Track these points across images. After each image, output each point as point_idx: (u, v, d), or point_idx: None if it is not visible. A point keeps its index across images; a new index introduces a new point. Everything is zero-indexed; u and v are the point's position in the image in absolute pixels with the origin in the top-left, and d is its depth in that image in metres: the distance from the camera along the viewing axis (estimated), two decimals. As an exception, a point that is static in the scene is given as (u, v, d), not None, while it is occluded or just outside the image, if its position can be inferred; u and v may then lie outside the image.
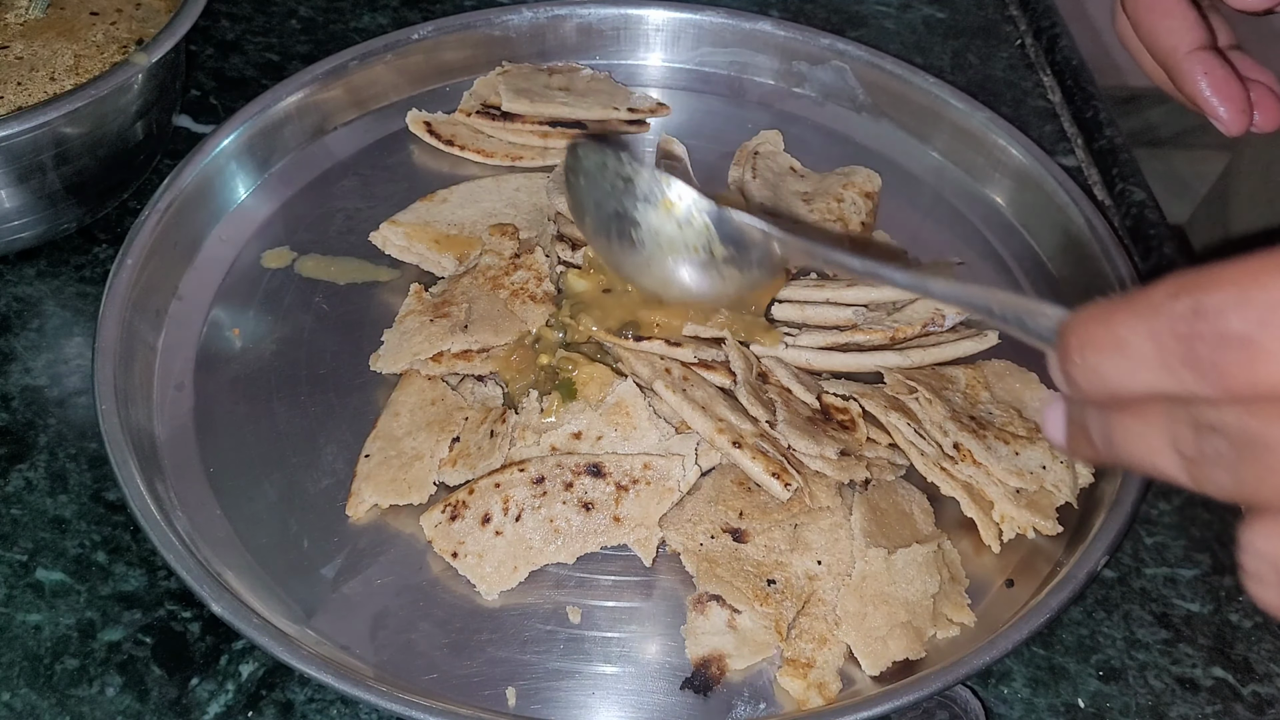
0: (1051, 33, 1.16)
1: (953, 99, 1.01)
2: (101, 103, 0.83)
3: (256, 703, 0.69)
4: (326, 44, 1.10)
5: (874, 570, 0.72)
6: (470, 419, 0.80)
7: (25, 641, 0.71)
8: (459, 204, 0.93)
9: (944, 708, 0.69)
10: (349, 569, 0.74)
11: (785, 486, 0.74)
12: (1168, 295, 0.35)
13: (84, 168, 0.87)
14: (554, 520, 0.74)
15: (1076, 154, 1.06)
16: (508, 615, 0.73)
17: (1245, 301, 0.33)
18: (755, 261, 0.66)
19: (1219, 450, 0.35)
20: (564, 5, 1.05)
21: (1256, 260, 0.33)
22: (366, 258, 0.91)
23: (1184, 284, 0.35)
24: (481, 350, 0.82)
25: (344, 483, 0.78)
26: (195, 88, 1.06)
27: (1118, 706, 0.72)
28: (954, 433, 0.78)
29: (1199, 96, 0.71)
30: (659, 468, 0.75)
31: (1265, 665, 0.74)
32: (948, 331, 0.87)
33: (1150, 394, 0.37)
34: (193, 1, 0.88)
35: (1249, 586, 0.37)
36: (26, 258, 0.91)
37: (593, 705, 0.70)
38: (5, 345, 0.85)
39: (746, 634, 0.71)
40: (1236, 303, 0.33)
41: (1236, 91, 0.70)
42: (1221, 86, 0.70)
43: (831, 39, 1.05)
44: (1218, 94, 0.70)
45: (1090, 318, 0.38)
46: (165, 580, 0.74)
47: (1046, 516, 0.76)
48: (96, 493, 0.78)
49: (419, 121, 1.01)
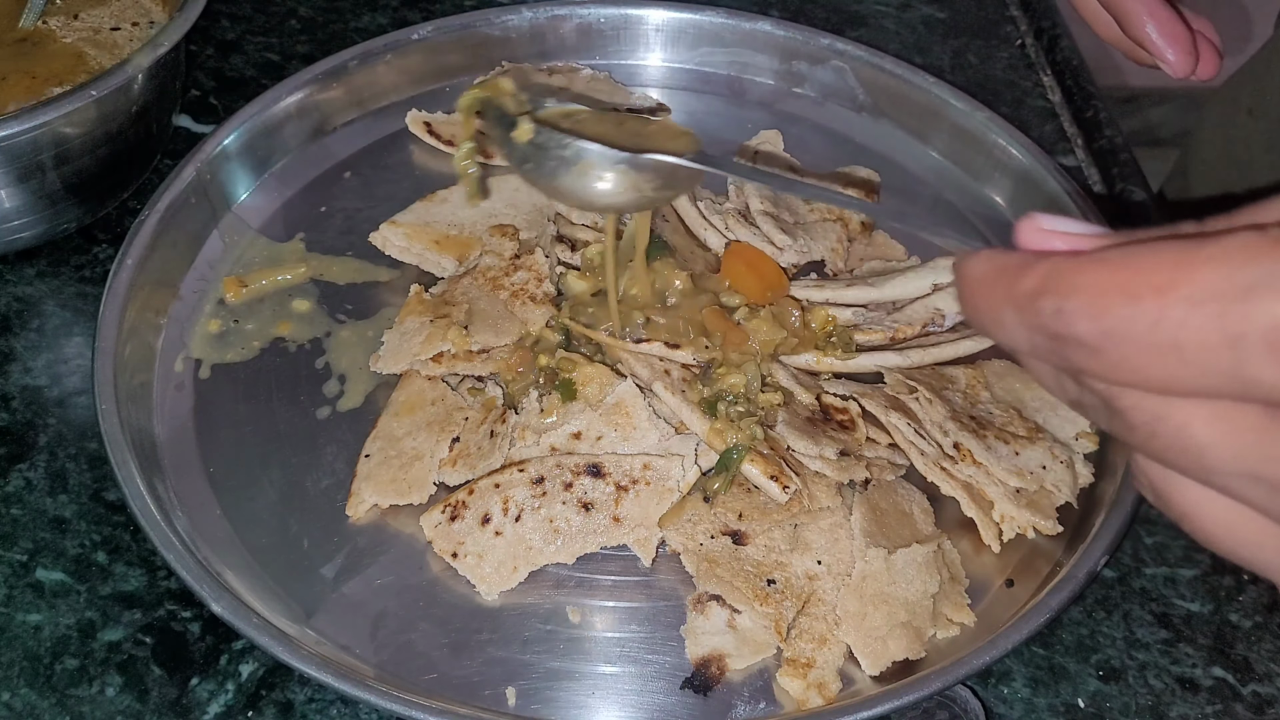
0: (1052, 33, 1.16)
1: (953, 99, 1.01)
2: (101, 103, 0.83)
3: (256, 703, 0.69)
4: (326, 44, 1.10)
5: (874, 570, 0.72)
6: (470, 419, 0.80)
7: (25, 641, 0.71)
8: (459, 204, 0.93)
9: (944, 708, 0.69)
10: (349, 569, 0.74)
11: (784, 489, 0.74)
12: (1035, 289, 0.38)
13: (84, 168, 0.87)
14: (554, 520, 0.74)
15: (1076, 154, 1.06)
16: (508, 615, 0.73)
17: (1095, 319, 0.36)
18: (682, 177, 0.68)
19: (1095, 405, 0.40)
20: (564, 5, 1.05)
21: (1110, 272, 0.36)
22: (366, 258, 0.92)
23: (1049, 279, 0.38)
24: (481, 351, 0.81)
25: (344, 483, 0.78)
26: (195, 88, 1.06)
27: (1118, 706, 0.72)
28: (954, 432, 0.78)
29: (1147, 40, 0.74)
30: (659, 468, 0.75)
31: (1265, 665, 0.74)
32: (948, 331, 0.87)
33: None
34: (193, 1, 0.88)
35: (1135, 484, 0.43)
36: (26, 258, 0.91)
37: (593, 705, 0.70)
38: (5, 345, 0.85)
39: (746, 634, 0.71)
40: (1088, 317, 0.36)
41: (1182, 34, 0.73)
42: (1168, 28, 0.73)
43: (831, 39, 1.05)
44: (1164, 37, 0.73)
45: (974, 282, 0.41)
46: (165, 580, 0.74)
47: (1046, 516, 0.76)
48: (96, 493, 0.78)
49: (419, 121, 1.01)
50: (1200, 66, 0.74)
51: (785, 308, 0.84)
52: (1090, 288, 0.36)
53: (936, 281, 0.87)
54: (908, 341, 0.85)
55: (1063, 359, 0.38)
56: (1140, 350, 0.35)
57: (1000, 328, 0.40)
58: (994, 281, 0.40)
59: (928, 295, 0.87)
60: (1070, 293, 0.37)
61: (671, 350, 0.80)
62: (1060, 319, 0.37)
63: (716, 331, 0.81)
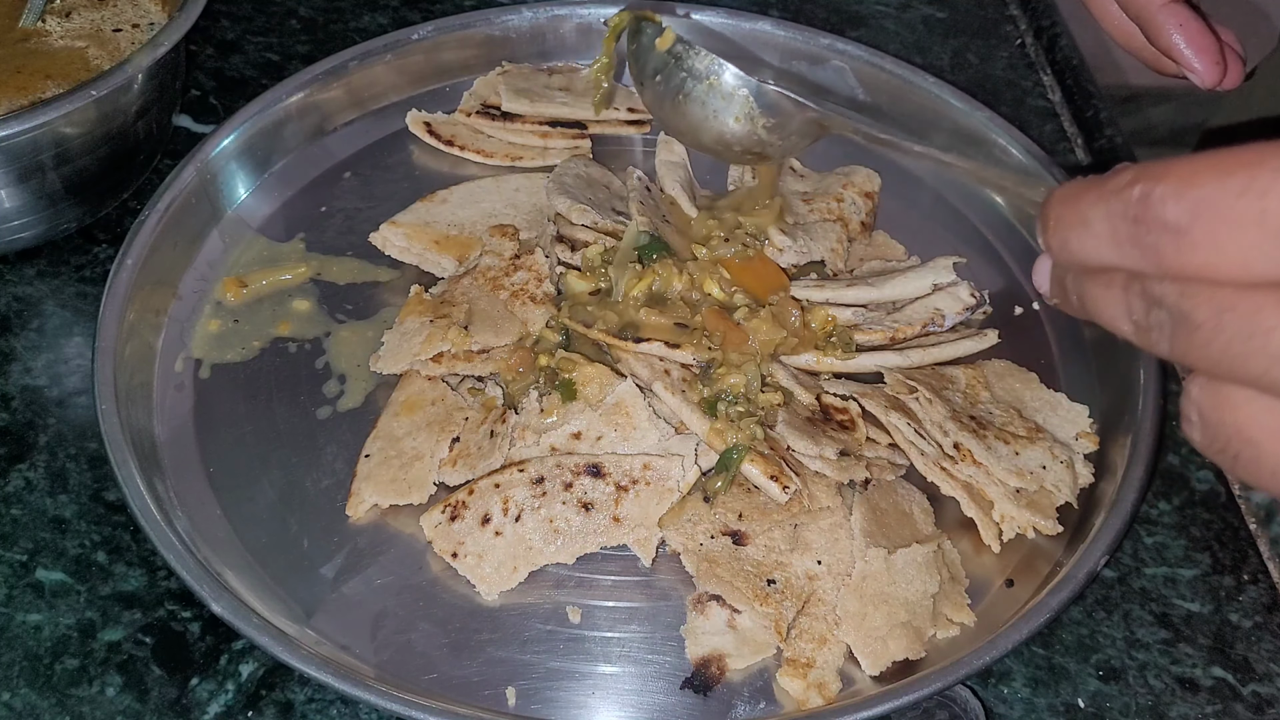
0: (1052, 32, 1.16)
1: (953, 99, 1.01)
2: (101, 103, 0.83)
3: (256, 703, 0.69)
4: (326, 44, 1.10)
5: (874, 570, 0.72)
6: (470, 419, 0.80)
7: (25, 641, 0.71)
8: (459, 204, 0.93)
9: (944, 708, 0.69)
10: (349, 569, 0.74)
11: (784, 489, 0.74)
12: (1126, 182, 0.40)
13: (84, 168, 0.87)
14: (554, 520, 0.74)
15: (1076, 154, 1.06)
16: (508, 615, 0.73)
17: (1183, 195, 0.38)
18: (794, 130, 0.76)
19: (1160, 321, 0.41)
20: (564, 5, 1.05)
21: (1203, 158, 0.38)
22: (366, 258, 0.92)
23: (1141, 172, 0.40)
24: (481, 351, 0.81)
25: (344, 483, 0.78)
26: (195, 88, 1.06)
27: (1118, 706, 0.72)
28: (954, 432, 0.78)
29: (1174, 49, 0.71)
30: (659, 468, 0.75)
31: (1265, 665, 0.74)
32: (948, 331, 0.87)
33: (1110, 266, 0.42)
34: (193, 1, 0.88)
35: (1183, 428, 0.43)
36: (26, 258, 0.91)
37: (593, 705, 0.70)
38: (5, 345, 0.85)
39: (746, 634, 0.71)
40: (1175, 194, 0.38)
41: (1211, 44, 0.71)
42: (1196, 39, 0.71)
43: (831, 39, 1.05)
44: (1192, 46, 0.71)
45: (1064, 196, 0.44)
46: (165, 580, 0.74)
47: (1046, 516, 0.76)
48: (96, 493, 0.78)
49: (419, 121, 1.01)
50: (1226, 77, 0.72)
51: (785, 308, 0.84)
52: (1181, 170, 0.38)
53: (936, 281, 0.87)
54: (908, 341, 0.85)
55: (1143, 251, 0.40)
56: (1225, 222, 0.37)
57: (1085, 229, 0.42)
58: (1085, 187, 0.42)
59: (928, 295, 0.87)
60: (1161, 177, 0.39)
61: (671, 350, 0.80)
62: (1148, 203, 0.39)
63: (716, 331, 0.81)
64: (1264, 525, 0.81)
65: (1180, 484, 0.83)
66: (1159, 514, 0.81)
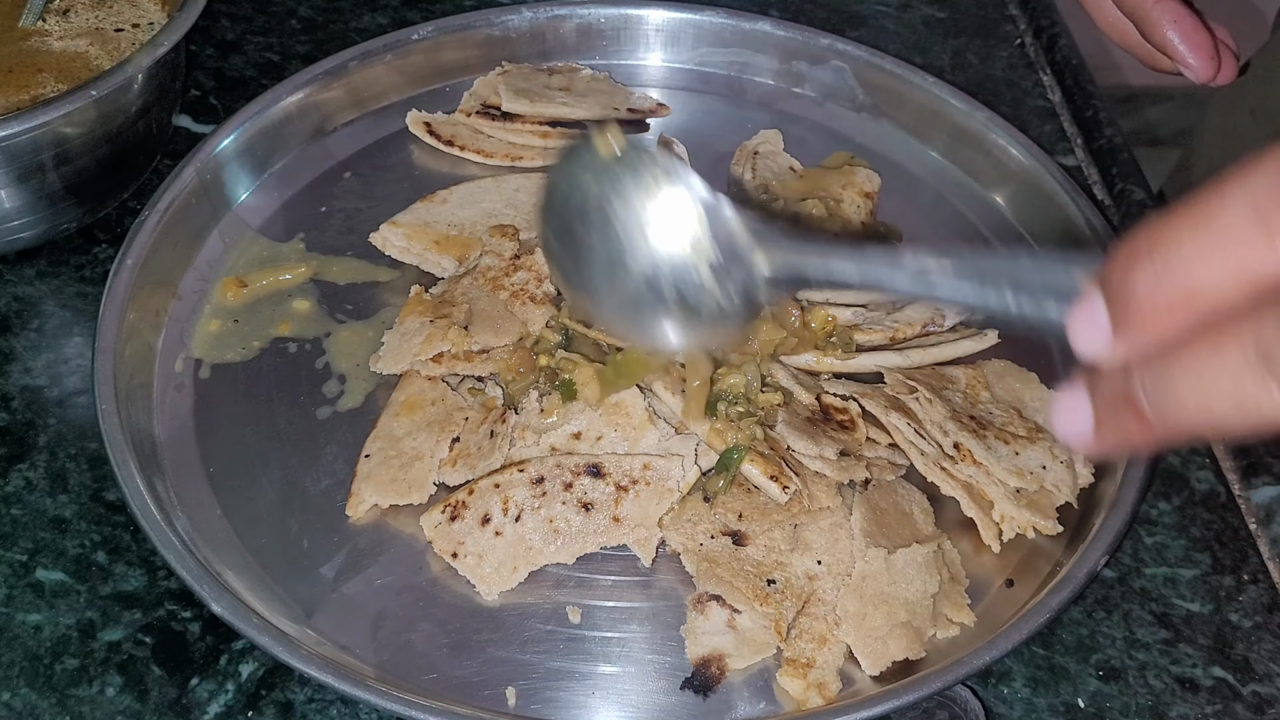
0: (1051, 32, 1.16)
1: (953, 99, 1.01)
2: (101, 103, 0.83)
3: (256, 703, 0.69)
4: (326, 44, 1.10)
5: (874, 570, 0.72)
6: (470, 419, 0.80)
7: (25, 641, 0.71)
8: (459, 204, 0.93)
9: (944, 708, 0.69)
10: (349, 569, 0.74)
11: (784, 489, 0.74)
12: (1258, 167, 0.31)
13: (84, 168, 0.87)
14: (554, 521, 0.74)
15: (1076, 154, 1.06)
16: (508, 615, 0.73)
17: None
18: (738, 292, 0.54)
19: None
20: (564, 5, 1.05)
21: None
22: (366, 258, 0.92)
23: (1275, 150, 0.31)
24: (481, 351, 0.81)
25: (344, 483, 0.78)
26: (195, 88, 1.06)
27: (1118, 706, 0.72)
28: (954, 432, 0.78)
29: (1168, 45, 0.72)
30: (659, 468, 0.75)
31: (1265, 665, 0.74)
32: (948, 331, 0.87)
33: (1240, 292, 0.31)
34: (193, 1, 0.88)
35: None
36: (26, 258, 0.91)
37: (593, 705, 0.70)
38: (5, 345, 0.85)
39: (746, 634, 0.71)
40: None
41: (1205, 39, 0.71)
42: (1190, 35, 0.71)
43: (831, 39, 1.05)
44: (1187, 41, 0.71)
45: (1155, 224, 0.32)
46: (165, 580, 0.74)
47: (1046, 516, 0.76)
48: (96, 493, 0.78)
49: (419, 121, 1.01)
50: (1220, 72, 0.73)
51: (785, 308, 0.84)
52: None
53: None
54: (908, 341, 0.85)
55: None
56: None
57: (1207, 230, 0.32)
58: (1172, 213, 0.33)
59: (928, 295, 0.87)
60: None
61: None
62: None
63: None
64: (1264, 525, 0.81)
65: (1180, 484, 0.83)
66: (1159, 514, 0.81)
